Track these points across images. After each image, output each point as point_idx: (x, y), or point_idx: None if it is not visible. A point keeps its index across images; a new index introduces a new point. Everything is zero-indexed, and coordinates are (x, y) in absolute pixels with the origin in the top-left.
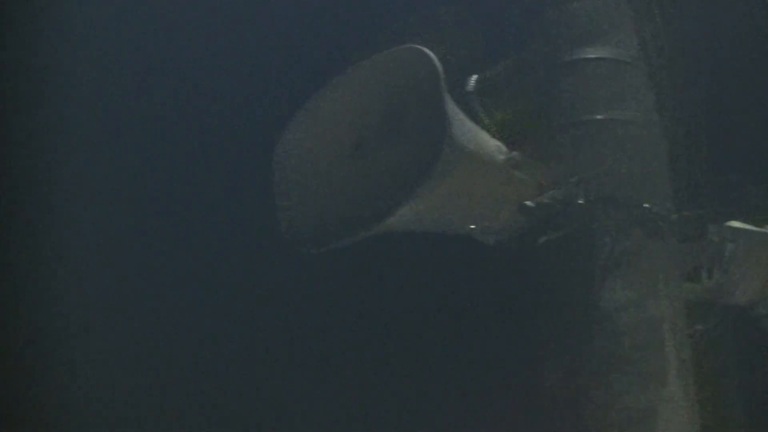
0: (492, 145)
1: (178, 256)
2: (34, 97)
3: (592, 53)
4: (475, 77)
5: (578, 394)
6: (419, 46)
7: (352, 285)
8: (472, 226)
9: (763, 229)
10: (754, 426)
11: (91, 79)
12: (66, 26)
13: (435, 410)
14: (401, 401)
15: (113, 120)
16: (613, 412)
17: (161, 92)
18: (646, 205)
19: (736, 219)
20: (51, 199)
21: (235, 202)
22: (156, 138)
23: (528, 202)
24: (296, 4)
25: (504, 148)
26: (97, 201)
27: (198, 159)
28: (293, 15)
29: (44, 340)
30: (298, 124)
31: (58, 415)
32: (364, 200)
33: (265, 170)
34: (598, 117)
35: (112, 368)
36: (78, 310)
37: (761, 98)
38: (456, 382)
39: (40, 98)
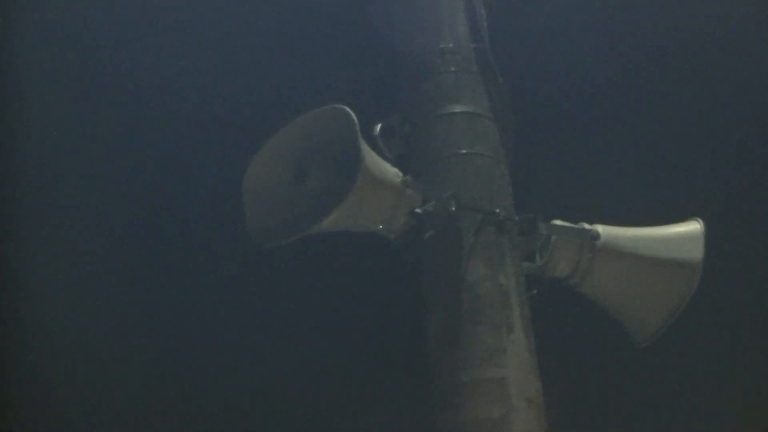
0: (392, 171)
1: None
2: (33, 97)
3: (457, 108)
4: (379, 125)
5: (454, 340)
6: (341, 105)
7: (298, 274)
8: (380, 226)
9: (575, 225)
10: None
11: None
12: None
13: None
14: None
15: (112, 121)
16: (477, 351)
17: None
18: (497, 210)
19: (557, 219)
20: (50, 199)
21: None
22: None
23: (417, 210)
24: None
25: (400, 173)
26: (96, 201)
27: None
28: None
29: (44, 340)
30: (256, 160)
31: (57, 415)
32: (305, 212)
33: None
34: (463, 151)
35: (111, 368)
36: (77, 310)
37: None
38: (364, 341)
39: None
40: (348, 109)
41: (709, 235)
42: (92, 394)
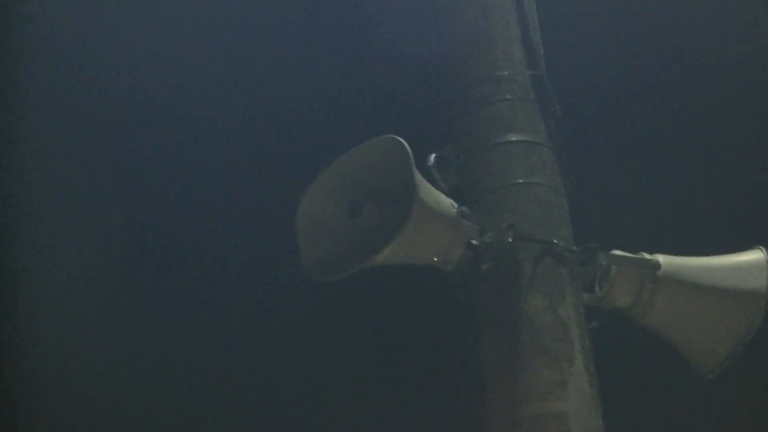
0: (447, 202)
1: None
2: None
3: (513, 137)
4: (434, 155)
5: (512, 374)
6: (394, 136)
7: (349, 307)
8: (435, 258)
9: (636, 255)
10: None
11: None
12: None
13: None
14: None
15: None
16: (536, 384)
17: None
18: (555, 241)
19: (617, 249)
20: (49, 200)
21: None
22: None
23: (473, 241)
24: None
25: (455, 204)
26: (95, 202)
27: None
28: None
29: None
30: (310, 194)
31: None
32: (360, 246)
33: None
34: (519, 181)
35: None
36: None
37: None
38: (420, 374)
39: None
40: (401, 139)
41: None
42: (89, 395)
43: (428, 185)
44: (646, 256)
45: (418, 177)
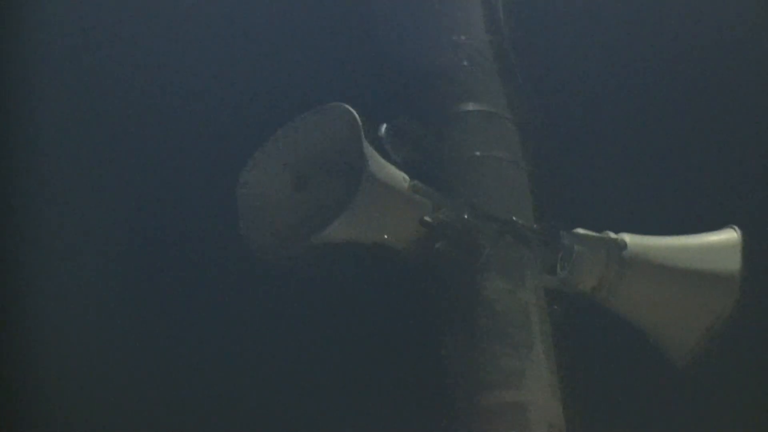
0: (399, 176)
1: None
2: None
3: (471, 107)
4: (385, 125)
5: (469, 362)
6: (343, 104)
7: (294, 288)
8: (386, 236)
9: (600, 235)
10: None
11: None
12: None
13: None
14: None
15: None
16: (494, 372)
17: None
18: (515, 219)
19: (581, 227)
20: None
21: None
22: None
23: (427, 218)
24: None
25: (408, 178)
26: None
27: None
28: None
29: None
30: (251, 166)
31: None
32: (305, 223)
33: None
34: (477, 154)
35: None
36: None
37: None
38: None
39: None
40: (350, 108)
41: (748, 244)
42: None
43: (379, 157)
44: (612, 235)
45: (368, 148)
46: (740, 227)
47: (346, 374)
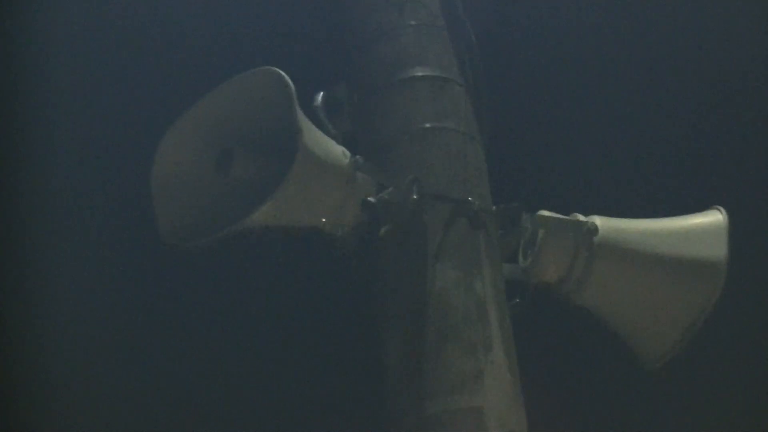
0: (338, 150)
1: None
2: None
3: (418, 72)
4: (321, 94)
5: (418, 363)
6: (274, 68)
7: (217, 278)
8: (324, 220)
9: (568, 217)
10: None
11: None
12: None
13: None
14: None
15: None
16: (448, 375)
17: None
18: (470, 199)
19: (545, 209)
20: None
21: None
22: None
23: (370, 198)
24: None
25: (348, 153)
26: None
27: None
28: None
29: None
30: (167, 141)
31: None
32: (230, 205)
33: None
34: (427, 126)
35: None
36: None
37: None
38: (308, 362)
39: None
40: (281, 72)
41: (735, 227)
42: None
43: (315, 130)
44: (581, 218)
45: (303, 120)
46: (726, 208)
47: (270, 380)
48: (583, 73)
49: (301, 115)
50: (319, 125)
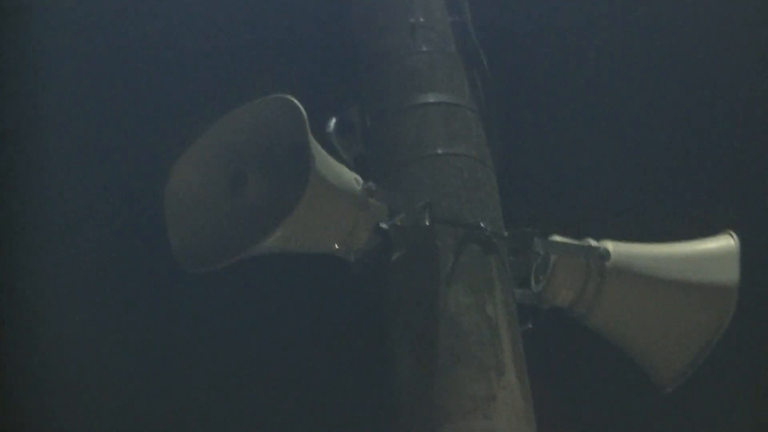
0: (350, 176)
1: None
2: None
3: (431, 98)
4: (334, 120)
5: (430, 387)
6: (286, 95)
7: (230, 302)
8: (336, 246)
9: (579, 242)
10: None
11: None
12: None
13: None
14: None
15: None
16: (460, 399)
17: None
18: (482, 224)
19: (557, 234)
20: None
21: None
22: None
23: (382, 224)
24: None
25: (360, 179)
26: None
27: None
28: None
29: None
30: (181, 165)
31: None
32: (242, 229)
33: None
34: (439, 152)
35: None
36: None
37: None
38: (320, 384)
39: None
40: (294, 99)
41: (746, 252)
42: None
43: (327, 156)
44: (593, 243)
45: (315, 145)
46: (737, 233)
47: (285, 403)
48: (595, 97)
49: (313, 142)
50: (332, 151)
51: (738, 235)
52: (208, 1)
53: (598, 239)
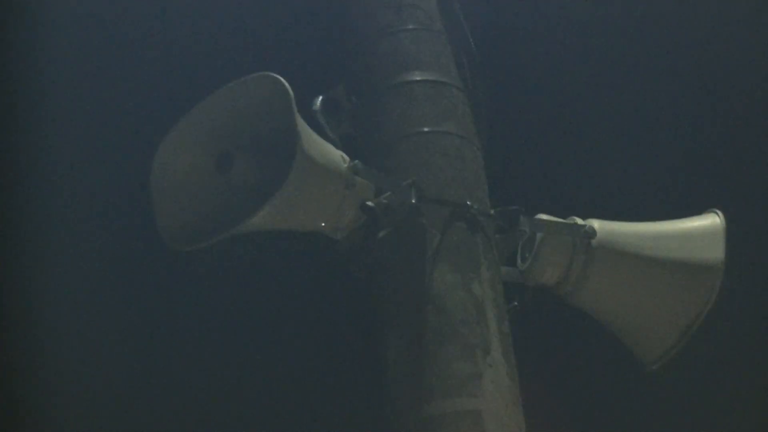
0: (336, 155)
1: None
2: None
3: (417, 76)
4: (320, 98)
5: (417, 365)
6: (273, 74)
7: (219, 281)
8: (323, 224)
9: (566, 221)
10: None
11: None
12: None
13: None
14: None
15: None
16: (446, 378)
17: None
18: (468, 203)
19: (543, 212)
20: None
21: None
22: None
23: (368, 203)
24: None
25: (347, 157)
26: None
27: None
28: None
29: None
30: (167, 144)
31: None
32: (229, 207)
33: None
34: (425, 130)
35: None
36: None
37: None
38: (307, 364)
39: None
40: (280, 77)
41: (732, 230)
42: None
43: (313, 134)
44: (579, 221)
45: (301, 124)
46: (723, 212)
47: (269, 380)
48: (580, 75)
49: (300, 120)
50: (318, 129)
51: (724, 213)
52: None
53: (584, 218)
